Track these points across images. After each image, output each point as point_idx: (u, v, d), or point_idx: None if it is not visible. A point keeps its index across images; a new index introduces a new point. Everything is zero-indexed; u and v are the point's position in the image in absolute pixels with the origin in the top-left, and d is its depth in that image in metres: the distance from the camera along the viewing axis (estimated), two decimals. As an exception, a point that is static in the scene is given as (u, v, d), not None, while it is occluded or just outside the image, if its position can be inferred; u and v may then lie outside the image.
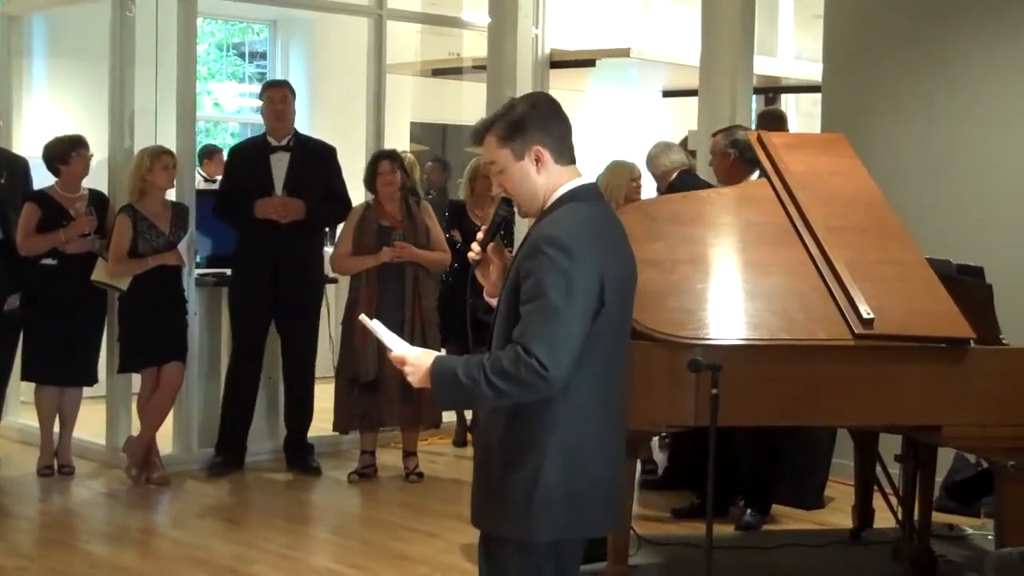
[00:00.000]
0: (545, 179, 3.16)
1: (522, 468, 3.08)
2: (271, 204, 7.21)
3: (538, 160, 3.14)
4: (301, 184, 7.30)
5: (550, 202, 3.17)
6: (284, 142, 7.38)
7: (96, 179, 7.58)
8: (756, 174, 6.03)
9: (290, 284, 7.28)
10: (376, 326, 3.25)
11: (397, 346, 3.20)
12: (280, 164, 7.33)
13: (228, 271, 7.54)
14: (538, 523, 3.08)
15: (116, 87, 7.51)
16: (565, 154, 3.18)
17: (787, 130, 8.23)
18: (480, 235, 3.34)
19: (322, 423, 7.68)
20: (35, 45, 9.55)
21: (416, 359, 3.14)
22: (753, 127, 7.66)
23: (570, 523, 3.12)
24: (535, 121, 3.15)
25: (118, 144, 7.53)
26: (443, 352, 3.54)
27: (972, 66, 6.97)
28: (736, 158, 6.34)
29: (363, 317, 3.33)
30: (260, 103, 7.64)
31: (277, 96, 7.40)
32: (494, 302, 3.34)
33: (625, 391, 3.28)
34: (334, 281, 8.13)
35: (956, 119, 7.00)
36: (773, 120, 8.18)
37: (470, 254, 3.35)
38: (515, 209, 3.30)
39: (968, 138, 6.96)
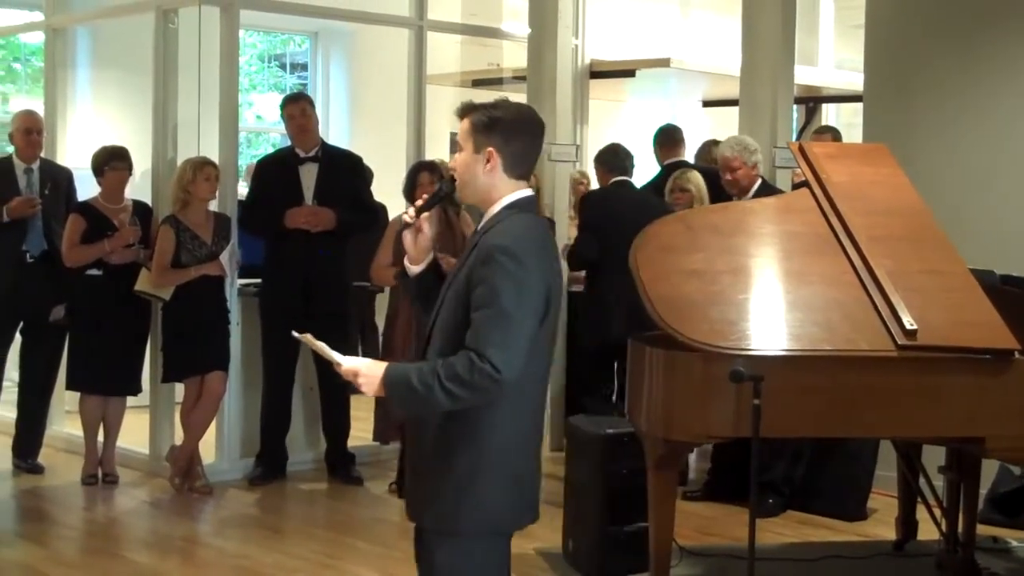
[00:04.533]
0: (488, 180, 3.26)
1: (458, 464, 3.19)
2: (301, 213, 7.25)
3: (488, 161, 3.24)
4: (330, 194, 7.34)
5: (495, 210, 3.27)
6: (312, 153, 7.41)
7: (140, 190, 7.63)
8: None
9: (321, 293, 7.32)
10: (312, 340, 3.33)
11: (345, 360, 3.25)
12: (309, 174, 7.36)
13: (258, 281, 7.57)
14: (469, 517, 3.20)
15: (159, 98, 7.57)
16: (518, 170, 3.27)
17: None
18: (419, 203, 3.43)
19: (360, 432, 7.71)
20: (79, 57, 9.64)
21: (368, 369, 3.21)
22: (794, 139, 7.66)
23: (501, 518, 3.24)
24: (504, 128, 3.25)
25: (161, 155, 7.59)
26: None
27: (1015, 76, 6.92)
28: (601, 169, 7.29)
29: (307, 335, 3.37)
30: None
31: (296, 111, 7.43)
32: (414, 268, 3.46)
33: (544, 398, 3.41)
34: (381, 290, 8.16)
35: (999, 128, 6.96)
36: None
37: (404, 216, 3.46)
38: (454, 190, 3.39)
39: (1011, 148, 6.91)
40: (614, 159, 7.37)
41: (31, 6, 9.80)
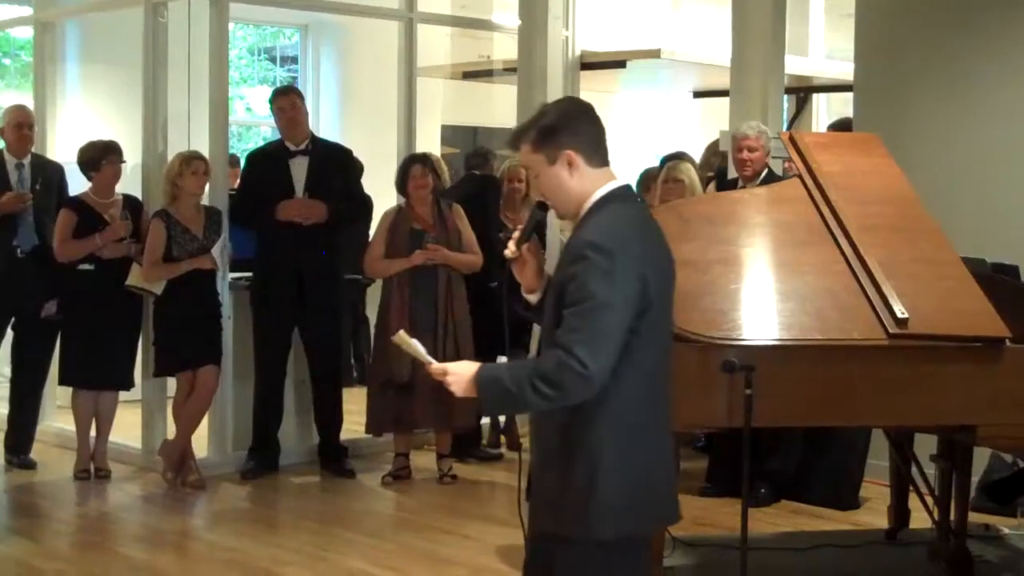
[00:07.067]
0: (579, 182, 3.19)
1: (581, 469, 3.11)
2: (293, 206, 7.25)
3: (570, 164, 3.17)
4: (321, 186, 7.34)
5: (588, 206, 3.19)
6: (302, 146, 7.41)
7: (130, 184, 7.62)
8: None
9: (313, 286, 7.32)
10: (406, 338, 3.30)
11: (434, 361, 3.24)
12: (300, 167, 7.36)
13: (250, 274, 7.56)
14: (598, 521, 3.10)
15: (149, 92, 7.56)
16: (597, 157, 3.21)
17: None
18: (516, 235, 3.37)
19: (353, 425, 7.71)
20: (69, 51, 9.60)
21: (458, 368, 3.18)
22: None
23: (628, 520, 3.14)
24: (566, 126, 3.19)
25: (151, 149, 7.58)
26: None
27: (1006, 64, 6.92)
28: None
29: (401, 333, 3.35)
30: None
31: (286, 104, 7.44)
32: (532, 297, 3.40)
33: (669, 390, 3.31)
34: (372, 282, 8.16)
35: (990, 117, 6.96)
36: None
37: (506, 252, 3.38)
38: (548, 213, 3.34)
39: (1002, 136, 6.91)
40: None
41: (20, 0, 9.77)
